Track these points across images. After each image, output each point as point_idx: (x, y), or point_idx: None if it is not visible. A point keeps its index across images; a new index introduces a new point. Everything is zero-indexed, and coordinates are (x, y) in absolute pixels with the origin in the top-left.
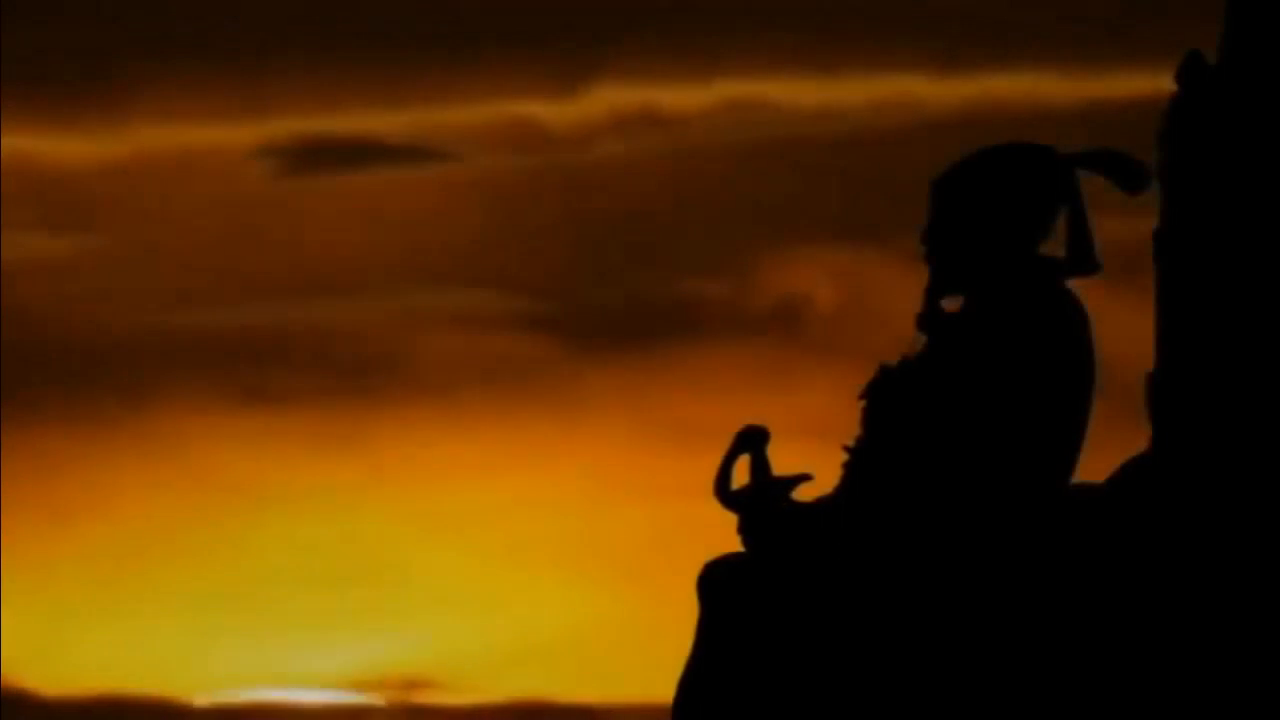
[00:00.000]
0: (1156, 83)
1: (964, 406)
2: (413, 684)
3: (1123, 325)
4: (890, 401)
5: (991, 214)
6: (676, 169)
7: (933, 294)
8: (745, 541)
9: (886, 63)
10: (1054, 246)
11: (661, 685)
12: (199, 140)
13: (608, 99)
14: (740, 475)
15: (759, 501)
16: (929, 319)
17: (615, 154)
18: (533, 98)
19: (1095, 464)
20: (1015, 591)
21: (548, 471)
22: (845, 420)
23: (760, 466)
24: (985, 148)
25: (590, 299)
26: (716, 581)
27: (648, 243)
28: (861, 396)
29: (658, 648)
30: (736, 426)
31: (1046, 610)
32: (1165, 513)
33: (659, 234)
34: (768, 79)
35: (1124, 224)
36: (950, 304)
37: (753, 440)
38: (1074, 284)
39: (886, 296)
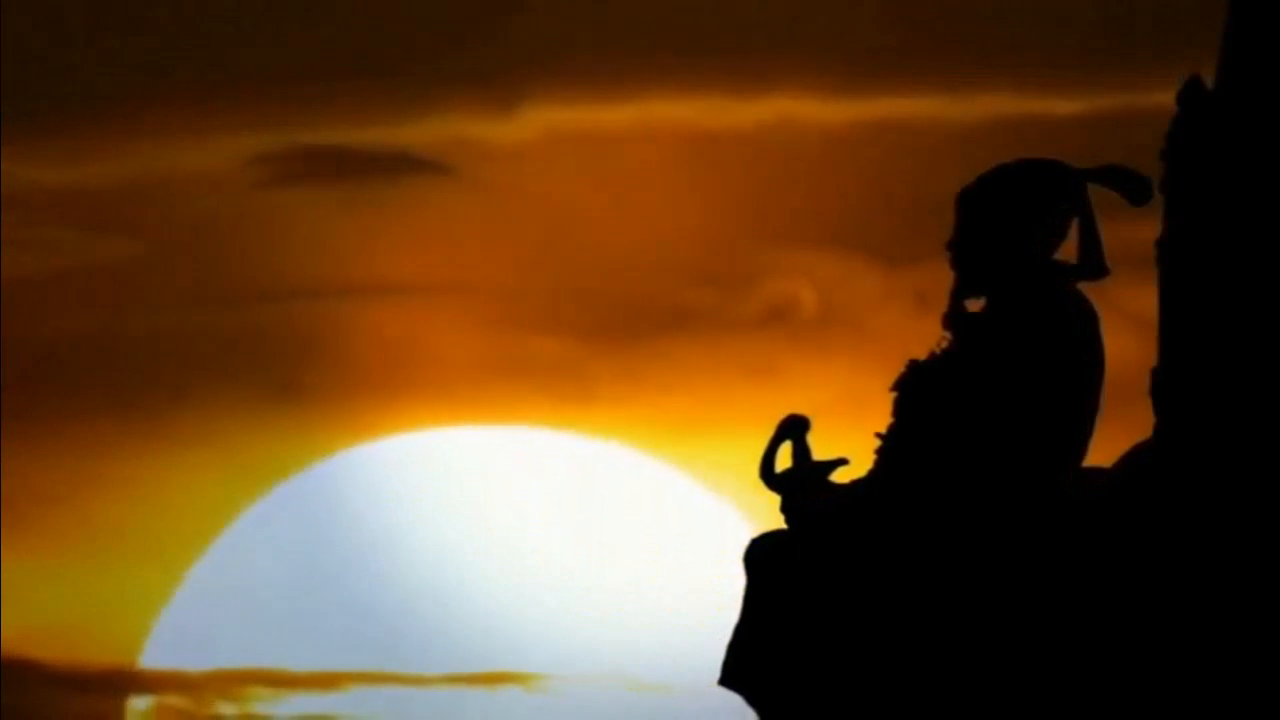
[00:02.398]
0: (1030, 104)
1: (987, 397)
2: (392, 654)
3: (1129, 324)
4: (919, 393)
5: (1011, 223)
6: (627, 183)
7: (957, 296)
8: (787, 519)
9: (787, 86)
10: (1067, 252)
11: (642, 656)
12: (200, 156)
13: (543, 119)
14: (783, 460)
15: (800, 483)
16: (953, 318)
17: (563, 167)
18: (473, 117)
19: (1104, 450)
20: (1032, 563)
21: (550, 458)
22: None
23: (801, 452)
24: (1004, 163)
25: (593, 302)
26: (760, 555)
27: (634, 249)
28: (893, 389)
29: (651, 617)
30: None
31: (1061, 579)
32: (1167, 495)
33: (644, 240)
34: (685, 100)
35: (1129, 232)
36: (973, 305)
37: (795, 428)
38: (1085, 286)
39: (850, 296)
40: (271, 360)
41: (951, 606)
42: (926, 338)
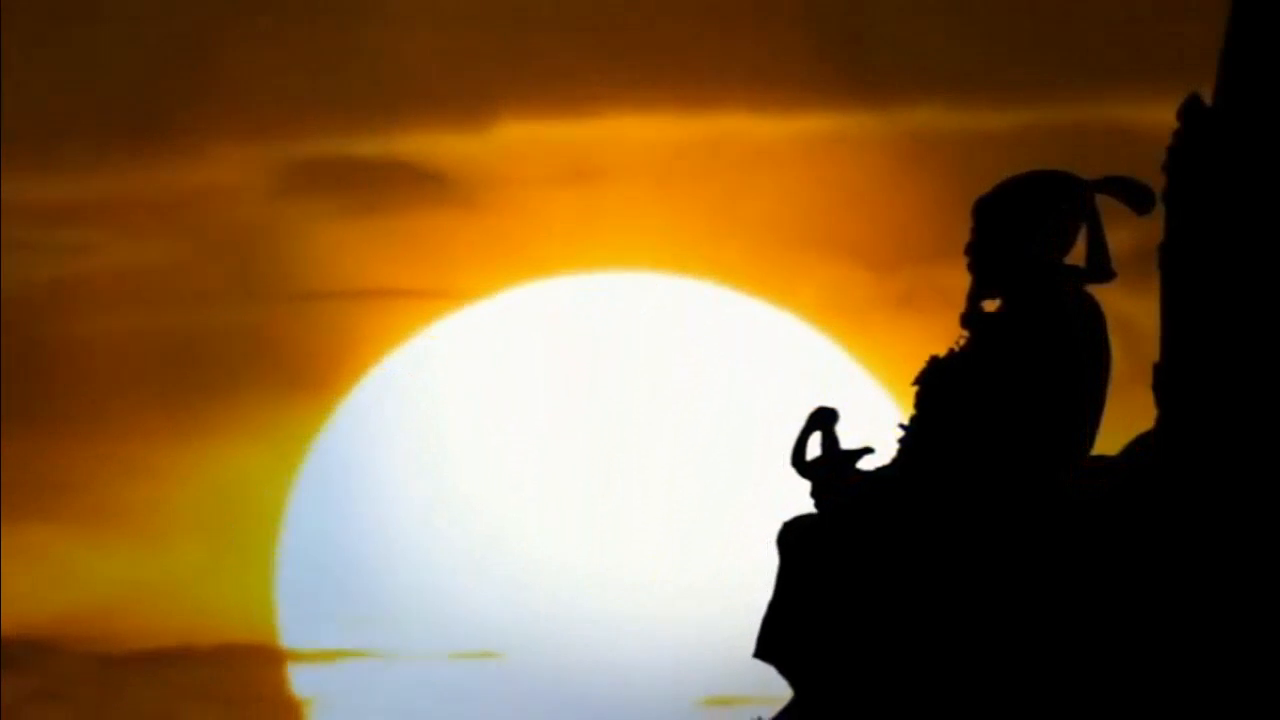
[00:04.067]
0: (964, 119)
1: (1002, 390)
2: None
3: (1133, 322)
4: (939, 386)
5: (1024, 230)
6: (597, 189)
7: (974, 297)
8: (817, 504)
9: (732, 104)
10: (1076, 257)
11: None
12: (224, 169)
13: (509, 133)
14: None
15: (829, 470)
16: (971, 317)
17: (535, 177)
18: (454, 131)
19: (1110, 438)
20: (1043, 543)
21: (548, 453)
22: None
23: (830, 441)
24: (1018, 175)
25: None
26: (793, 537)
27: (613, 249)
28: (915, 382)
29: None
30: None
31: (1069, 557)
32: (1169, 479)
33: (620, 241)
34: (641, 115)
35: (1134, 238)
36: (989, 305)
37: (824, 418)
38: (1092, 288)
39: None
40: (291, 354)
41: (964, 587)
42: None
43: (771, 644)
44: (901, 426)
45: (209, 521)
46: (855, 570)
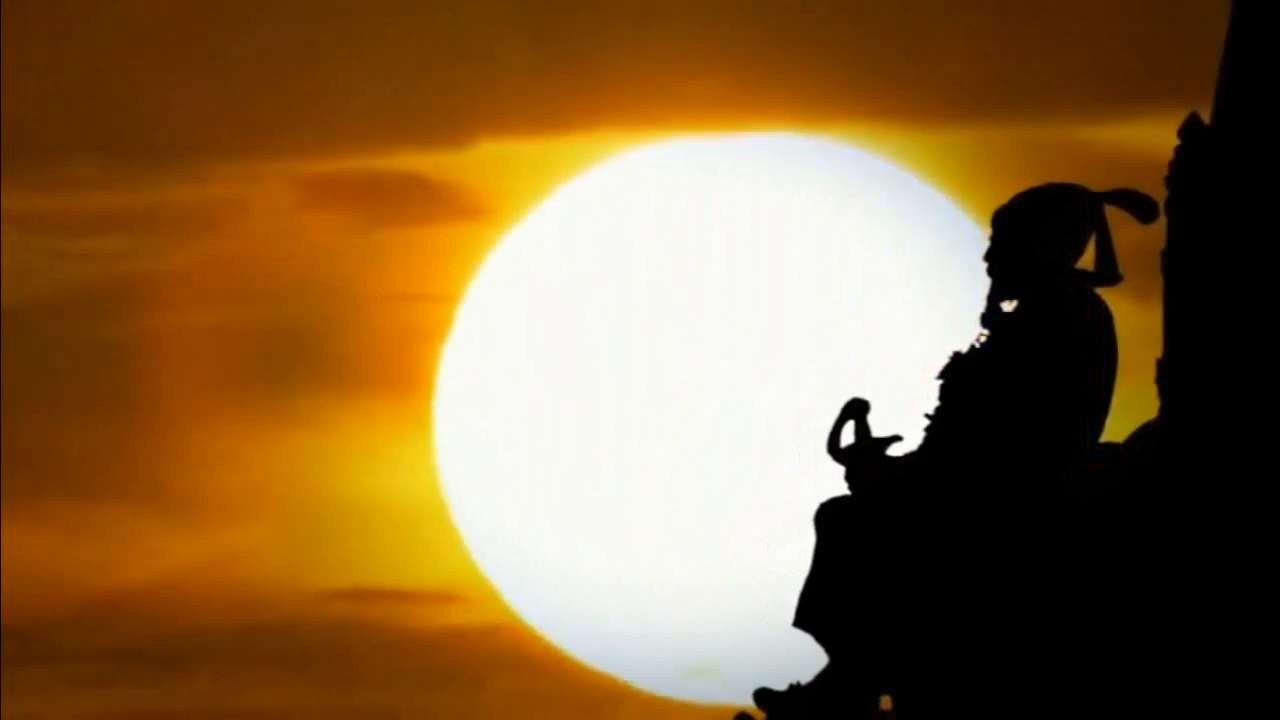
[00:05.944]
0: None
1: (1019, 383)
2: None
3: (1138, 321)
4: (961, 380)
5: (1034, 235)
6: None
7: (993, 298)
8: (850, 487)
9: (677, 122)
10: (1086, 262)
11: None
12: (250, 183)
13: (488, 150)
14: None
15: (861, 456)
16: (990, 317)
17: (516, 188)
18: (438, 148)
19: (1117, 426)
20: (1056, 523)
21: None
22: None
23: (862, 429)
24: (1034, 186)
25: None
26: (828, 517)
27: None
28: (938, 377)
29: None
30: None
31: (1070, 548)
32: (1170, 463)
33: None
34: (611, 131)
35: (1139, 244)
36: (1007, 306)
37: (857, 409)
38: (1101, 291)
39: None
40: (335, 352)
41: (976, 571)
42: None
43: (808, 614)
44: (927, 416)
45: (278, 506)
46: (885, 548)
